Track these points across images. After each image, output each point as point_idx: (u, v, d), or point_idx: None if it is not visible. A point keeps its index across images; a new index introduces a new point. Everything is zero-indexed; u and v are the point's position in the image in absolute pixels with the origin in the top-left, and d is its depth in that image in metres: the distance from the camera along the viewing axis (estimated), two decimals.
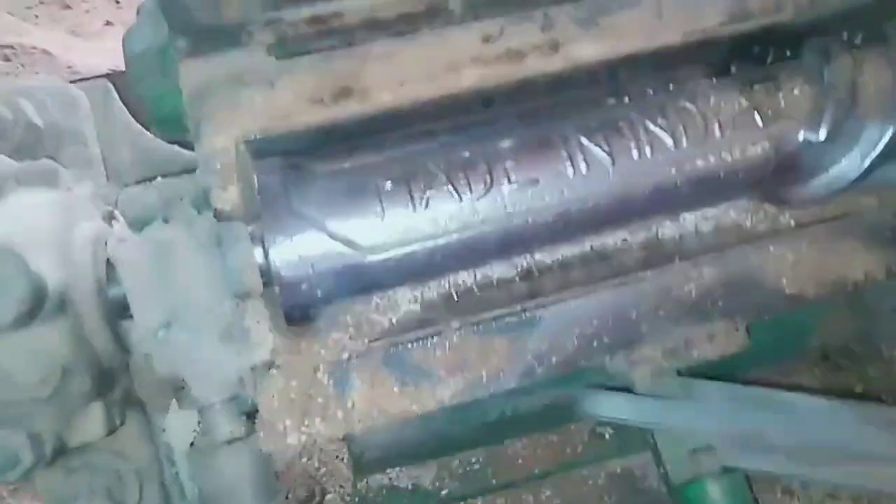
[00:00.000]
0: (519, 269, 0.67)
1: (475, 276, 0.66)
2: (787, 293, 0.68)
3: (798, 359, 1.00)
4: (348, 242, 0.53)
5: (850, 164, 0.63)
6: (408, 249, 0.54)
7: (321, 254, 0.52)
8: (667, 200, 0.60)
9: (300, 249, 0.52)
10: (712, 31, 0.65)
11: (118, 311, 0.58)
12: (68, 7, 1.93)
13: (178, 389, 0.56)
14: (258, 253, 0.53)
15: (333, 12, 0.62)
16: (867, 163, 0.62)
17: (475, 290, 0.66)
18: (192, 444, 0.58)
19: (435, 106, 0.61)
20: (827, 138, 0.60)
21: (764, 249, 0.67)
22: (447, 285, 0.65)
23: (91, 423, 0.59)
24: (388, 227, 0.54)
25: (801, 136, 0.61)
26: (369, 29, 0.63)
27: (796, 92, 0.62)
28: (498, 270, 0.66)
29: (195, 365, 0.55)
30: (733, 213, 0.70)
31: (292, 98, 0.59)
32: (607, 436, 0.97)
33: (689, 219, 0.69)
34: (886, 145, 0.61)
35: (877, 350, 1.03)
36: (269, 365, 0.57)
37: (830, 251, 0.68)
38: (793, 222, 0.68)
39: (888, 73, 0.62)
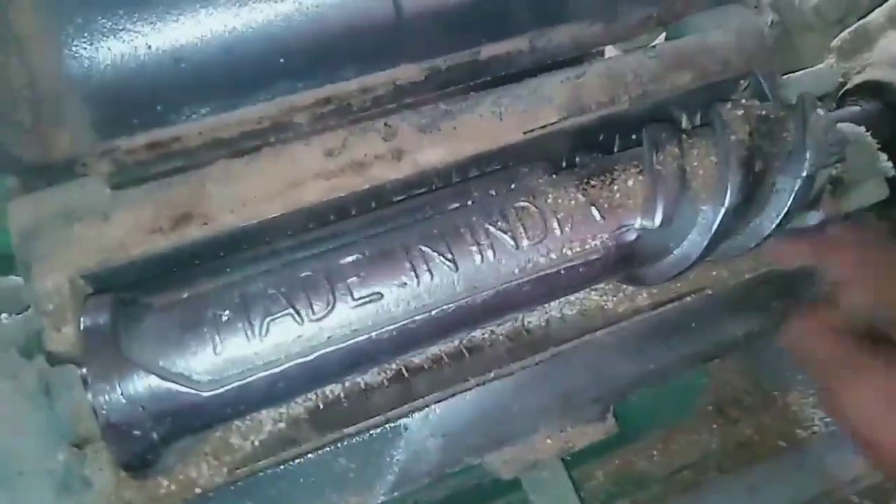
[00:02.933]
0: (388, 374, 0.66)
1: (343, 384, 0.65)
2: (650, 370, 0.69)
3: (693, 416, 1.03)
4: (183, 380, 0.51)
5: (690, 246, 0.65)
6: (249, 379, 0.53)
7: (151, 395, 0.50)
8: (516, 300, 0.61)
9: (128, 393, 0.50)
10: (552, 128, 0.68)
11: None
12: None
13: None
14: (91, 399, 0.51)
15: (172, 136, 0.62)
16: (706, 242, 0.65)
17: (342, 399, 0.65)
18: None
19: (280, 223, 0.61)
20: (662, 224, 0.63)
21: (625, 330, 0.69)
22: (314, 397, 0.64)
23: None
24: (226, 359, 0.53)
25: (637, 224, 0.63)
26: (211, 149, 0.63)
27: (630, 183, 0.64)
28: (367, 378, 0.66)
29: None
30: (595, 295, 0.72)
31: (129, 229, 0.58)
32: None
33: (554, 306, 0.71)
34: (720, 224, 0.64)
35: (769, 398, 1.07)
36: None
37: (688, 325, 0.71)
38: (647, 301, 0.70)
39: (714, 156, 0.65)
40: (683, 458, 1.01)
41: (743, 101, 0.72)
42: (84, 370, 0.51)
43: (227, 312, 0.54)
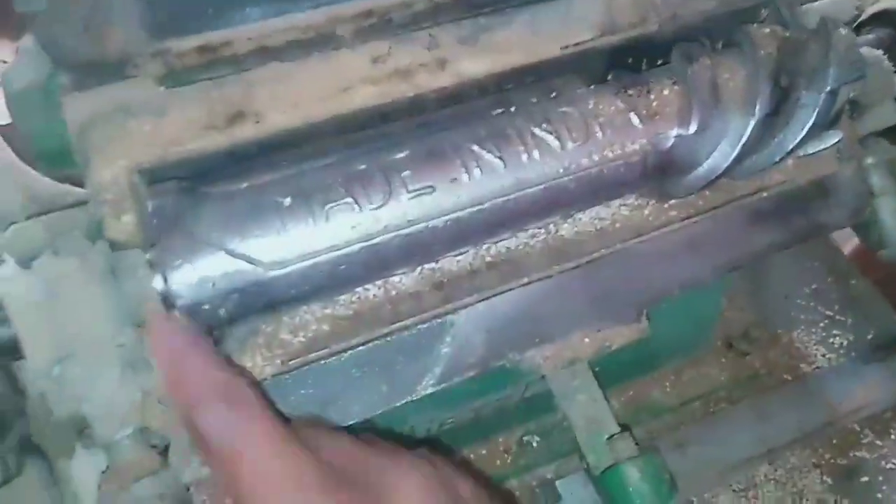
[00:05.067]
0: (428, 280, 0.68)
1: (385, 290, 0.67)
2: (680, 277, 0.72)
3: (706, 351, 1.06)
4: (249, 259, 0.53)
5: (721, 155, 0.68)
6: (311, 262, 0.55)
7: (222, 273, 0.52)
8: (559, 198, 0.63)
9: (200, 270, 0.51)
10: (586, 45, 0.70)
11: (8, 352, 0.55)
12: None
13: (80, 430, 0.54)
14: (157, 279, 0.52)
15: (222, 41, 0.63)
16: (736, 152, 0.68)
17: (387, 305, 0.66)
18: (99, 486, 0.55)
19: (329, 125, 0.62)
20: (697, 132, 0.66)
21: (656, 240, 0.71)
22: (358, 301, 0.66)
23: None
24: (290, 241, 0.54)
25: (674, 132, 0.66)
26: (259, 56, 0.65)
27: (666, 93, 0.67)
28: (408, 283, 0.68)
29: (96, 400, 0.53)
30: (625, 210, 0.74)
31: (184, 125, 0.59)
32: (535, 443, 0.99)
33: (585, 219, 0.73)
34: (750, 135, 0.67)
35: (774, 335, 1.11)
36: None
37: (714, 236, 0.74)
38: (676, 213, 0.73)
39: (743, 72, 0.68)
40: (695, 390, 1.04)
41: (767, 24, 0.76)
42: (151, 253, 0.52)
43: (287, 199, 0.55)
